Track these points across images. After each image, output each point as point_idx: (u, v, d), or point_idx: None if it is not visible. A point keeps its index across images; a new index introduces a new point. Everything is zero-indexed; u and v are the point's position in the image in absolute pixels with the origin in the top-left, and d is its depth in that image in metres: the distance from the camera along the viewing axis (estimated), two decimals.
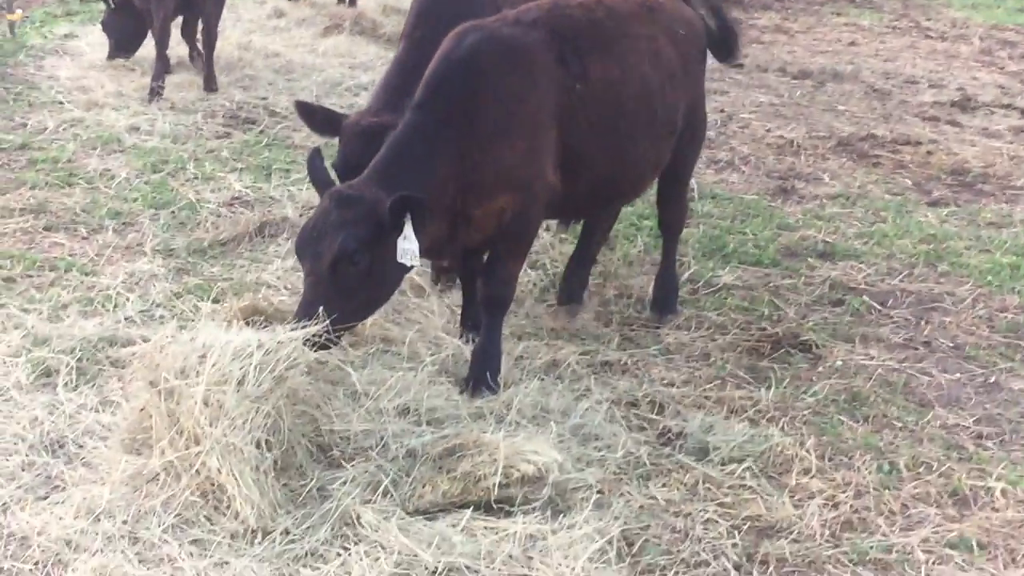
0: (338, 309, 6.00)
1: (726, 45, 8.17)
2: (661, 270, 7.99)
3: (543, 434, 5.96)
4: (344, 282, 6.07)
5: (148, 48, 13.19)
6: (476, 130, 6.42)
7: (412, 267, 6.34)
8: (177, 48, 13.69)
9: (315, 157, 6.56)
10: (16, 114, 11.41)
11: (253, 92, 12.79)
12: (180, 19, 13.37)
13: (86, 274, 7.89)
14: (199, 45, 13.31)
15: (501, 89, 6.56)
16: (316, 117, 7.48)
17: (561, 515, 5.42)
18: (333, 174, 6.82)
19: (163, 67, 12.53)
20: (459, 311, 7.38)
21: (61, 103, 11.85)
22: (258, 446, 5.41)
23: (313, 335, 5.79)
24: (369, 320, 6.89)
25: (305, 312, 6.00)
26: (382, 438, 5.92)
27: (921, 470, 6.16)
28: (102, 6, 13.83)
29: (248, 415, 5.39)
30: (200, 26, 13.21)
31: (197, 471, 5.36)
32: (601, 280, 8.34)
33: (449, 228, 6.47)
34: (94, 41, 14.53)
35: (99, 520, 5.24)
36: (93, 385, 6.44)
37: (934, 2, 23.04)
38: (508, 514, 5.40)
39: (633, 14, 7.24)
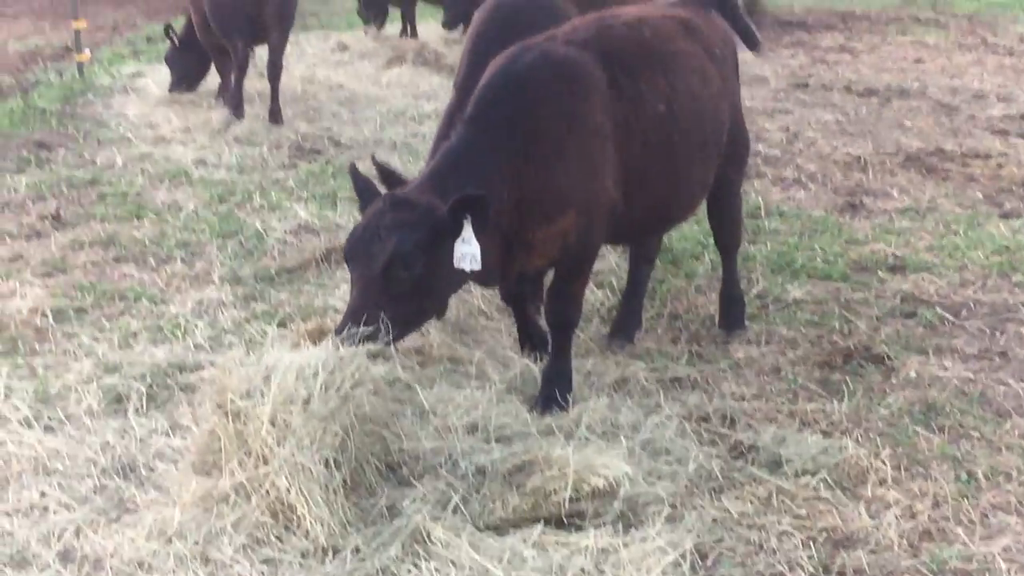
0: (389, 315, 5.92)
1: (748, 38, 8.07)
2: (724, 287, 7.93)
3: (613, 449, 5.89)
4: (397, 287, 5.99)
5: (211, 82, 13.37)
6: (532, 149, 6.34)
7: (471, 272, 6.19)
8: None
9: (356, 169, 6.50)
10: (85, 151, 11.57)
11: (318, 123, 12.91)
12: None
13: (155, 303, 7.96)
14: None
15: (558, 108, 6.48)
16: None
17: (633, 529, 5.35)
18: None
19: (238, 97, 12.70)
20: None
21: (129, 139, 12.03)
22: (326, 465, 5.39)
23: (367, 341, 5.78)
24: (436, 340, 6.87)
25: (354, 317, 5.92)
26: (451, 456, 5.89)
27: (1000, 479, 6.02)
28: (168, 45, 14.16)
29: (315, 434, 5.38)
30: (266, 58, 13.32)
31: (267, 491, 5.35)
32: (668, 297, 8.28)
33: (504, 253, 6.37)
34: (160, 79, 14.81)
35: (171, 541, 5.24)
36: (163, 410, 6.48)
37: (1001, 19, 22.85)
38: (579, 528, 5.34)
39: (676, 32, 7.20)
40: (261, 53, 13.44)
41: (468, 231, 6.01)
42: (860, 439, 6.36)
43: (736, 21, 7.92)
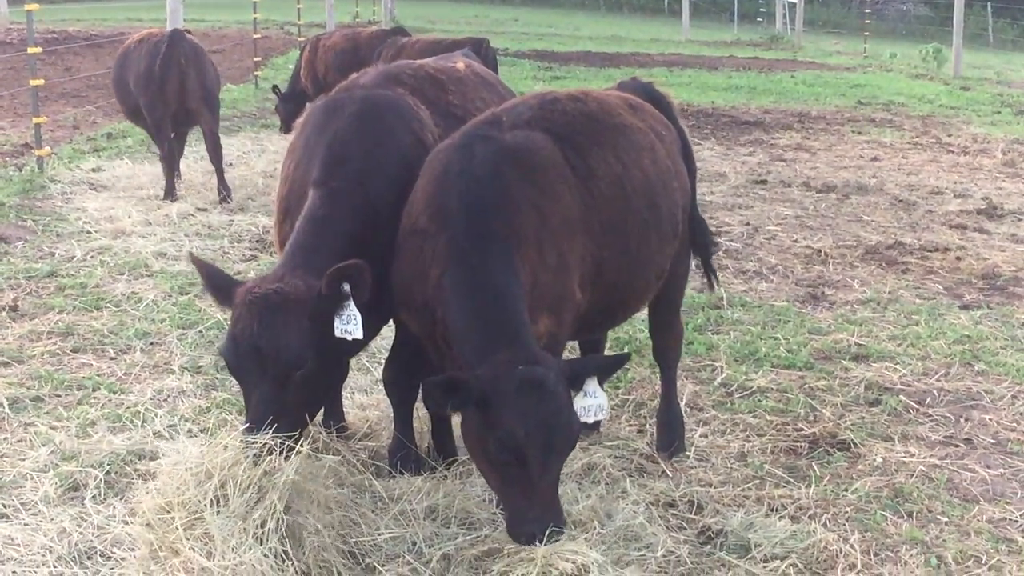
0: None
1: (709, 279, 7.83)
2: (662, 406, 7.38)
3: (581, 535, 5.80)
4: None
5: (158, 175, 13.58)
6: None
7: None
8: (201, 175, 14.16)
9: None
10: (44, 244, 11.46)
11: None
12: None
13: (114, 392, 7.84)
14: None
15: (526, 203, 5.98)
16: (212, 278, 6.18)
17: None
18: None
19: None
20: None
21: (89, 232, 11.93)
22: (276, 557, 5.32)
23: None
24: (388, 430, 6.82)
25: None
26: (414, 543, 5.80)
27: (971, 563, 5.99)
28: (128, 142, 14.52)
29: (239, 534, 5.31)
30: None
31: None
32: (632, 385, 8.23)
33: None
34: (120, 174, 14.78)
35: None
36: (122, 497, 6.33)
37: (954, 119, 23.21)
38: None
39: (621, 107, 6.82)
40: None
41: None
42: (829, 524, 6.33)
43: (707, 264, 7.67)
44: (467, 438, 5.64)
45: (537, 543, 5.35)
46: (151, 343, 8.84)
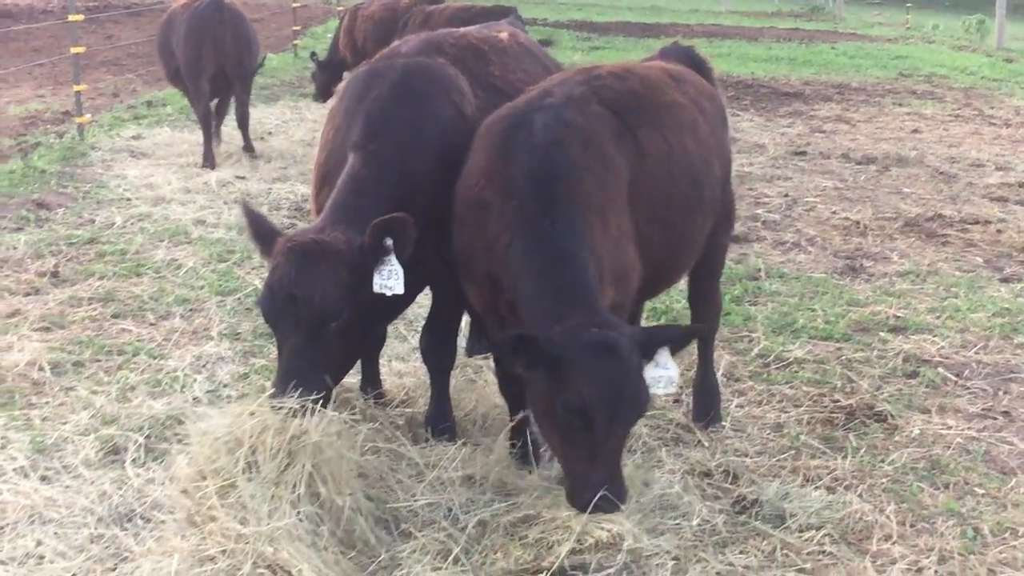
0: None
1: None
2: (699, 376, 7.35)
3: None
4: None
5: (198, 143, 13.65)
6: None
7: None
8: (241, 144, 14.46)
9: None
10: (84, 211, 11.54)
11: None
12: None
13: (154, 357, 7.90)
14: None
15: (588, 172, 5.92)
16: (257, 226, 6.15)
17: None
18: None
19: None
20: None
21: (129, 200, 12.01)
22: (313, 523, 5.37)
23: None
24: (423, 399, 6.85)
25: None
26: (450, 510, 5.84)
27: (1007, 535, 5.97)
28: (168, 110, 14.68)
29: (273, 499, 5.37)
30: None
31: (254, 562, 5.26)
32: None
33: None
34: (160, 142, 14.86)
35: None
36: (161, 462, 6.39)
37: (996, 92, 23.00)
38: None
39: (663, 82, 6.76)
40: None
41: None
42: (864, 495, 6.32)
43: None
44: (532, 399, 5.62)
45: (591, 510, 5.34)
46: (190, 309, 8.90)
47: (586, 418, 5.30)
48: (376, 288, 5.92)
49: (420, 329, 7.30)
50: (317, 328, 5.78)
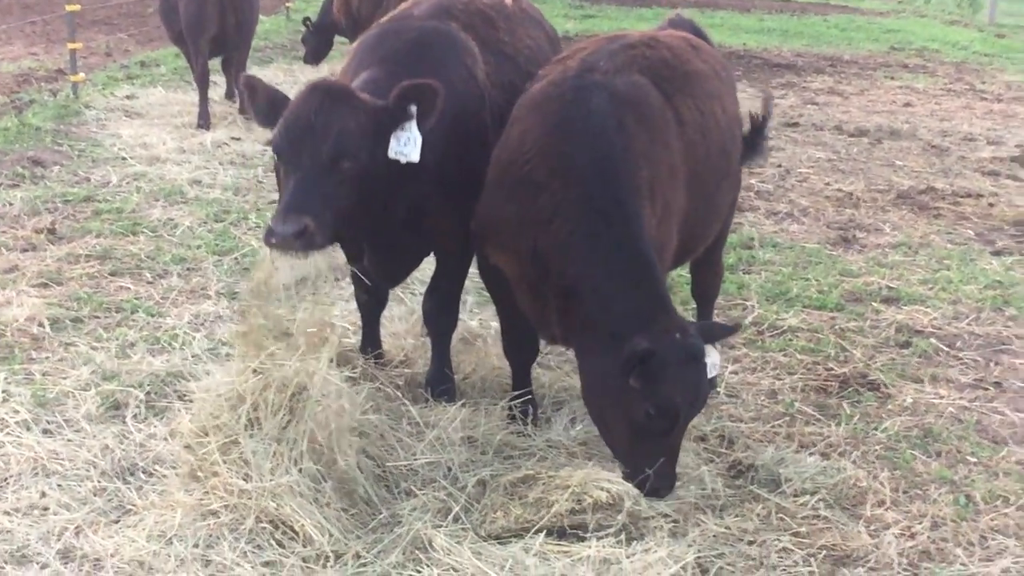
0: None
1: (755, 146, 7.39)
2: None
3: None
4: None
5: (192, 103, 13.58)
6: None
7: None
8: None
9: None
10: (80, 169, 11.54)
11: None
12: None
13: (152, 315, 7.93)
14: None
15: (642, 155, 5.86)
16: (268, 91, 6.07)
17: (635, 541, 5.35)
18: None
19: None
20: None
21: (124, 159, 12.01)
22: (315, 480, 5.45)
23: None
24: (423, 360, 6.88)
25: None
26: (450, 469, 5.90)
27: (999, 503, 6.06)
28: (162, 70, 14.70)
29: (275, 456, 5.43)
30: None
31: (257, 517, 5.33)
32: None
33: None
34: (154, 102, 14.85)
35: (171, 543, 5.22)
36: (162, 417, 6.44)
37: (988, 67, 23.03)
38: (581, 539, 5.33)
39: (687, 51, 6.74)
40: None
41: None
42: (858, 461, 6.41)
43: (761, 133, 7.40)
44: (605, 398, 5.68)
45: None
46: (187, 268, 8.93)
47: (672, 421, 5.52)
48: (391, 153, 5.82)
49: (418, 292, 7.34)
50: (329, 163, 5.61)
